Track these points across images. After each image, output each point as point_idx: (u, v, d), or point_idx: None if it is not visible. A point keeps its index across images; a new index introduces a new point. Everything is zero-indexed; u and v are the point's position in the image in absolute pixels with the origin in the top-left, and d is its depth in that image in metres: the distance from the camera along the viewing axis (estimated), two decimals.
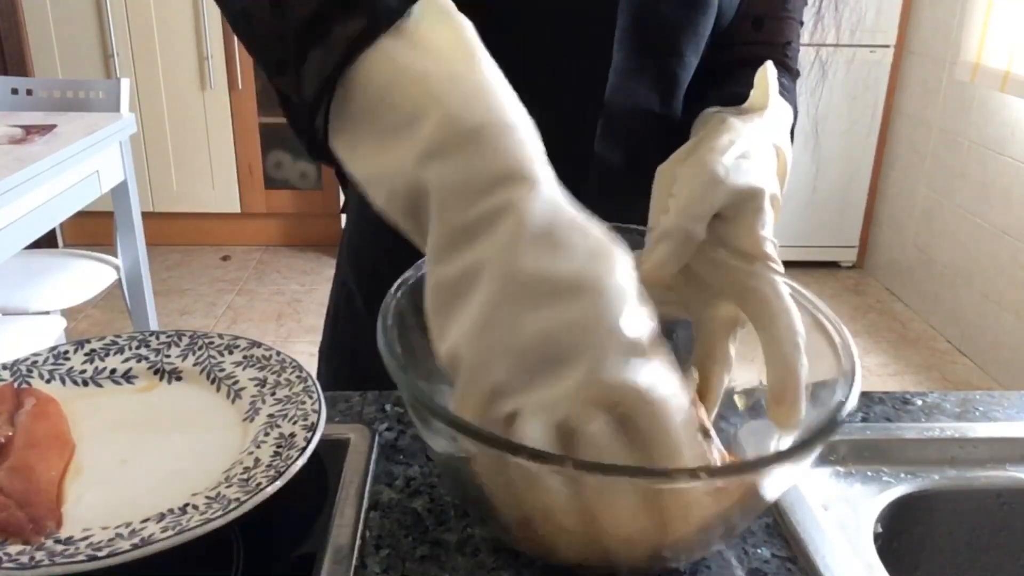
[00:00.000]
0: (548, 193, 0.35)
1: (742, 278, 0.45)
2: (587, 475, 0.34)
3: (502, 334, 0.34)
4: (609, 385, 0.34)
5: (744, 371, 0.48)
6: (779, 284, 0.44)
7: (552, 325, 0.34)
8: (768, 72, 0.53)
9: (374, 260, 0.70)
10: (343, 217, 0.77)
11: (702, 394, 0.47)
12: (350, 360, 0.74)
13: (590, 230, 0.36)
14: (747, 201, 0.46)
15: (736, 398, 0.49)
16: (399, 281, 0.46)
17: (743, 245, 0.45)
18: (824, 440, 0.37)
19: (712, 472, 0.35)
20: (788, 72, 0.65)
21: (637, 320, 0.35)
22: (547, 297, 0.34)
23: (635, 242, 0.47)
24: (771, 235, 0.46)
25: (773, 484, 0.39)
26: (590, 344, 0.34)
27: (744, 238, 0.45)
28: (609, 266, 0.35)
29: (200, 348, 0.55)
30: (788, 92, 0.62)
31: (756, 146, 0.49)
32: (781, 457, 0.36)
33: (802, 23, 0.67)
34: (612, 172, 0.63)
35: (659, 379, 0.35)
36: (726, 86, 0.61)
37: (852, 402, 0.39)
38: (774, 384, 0.41)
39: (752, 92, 0.54)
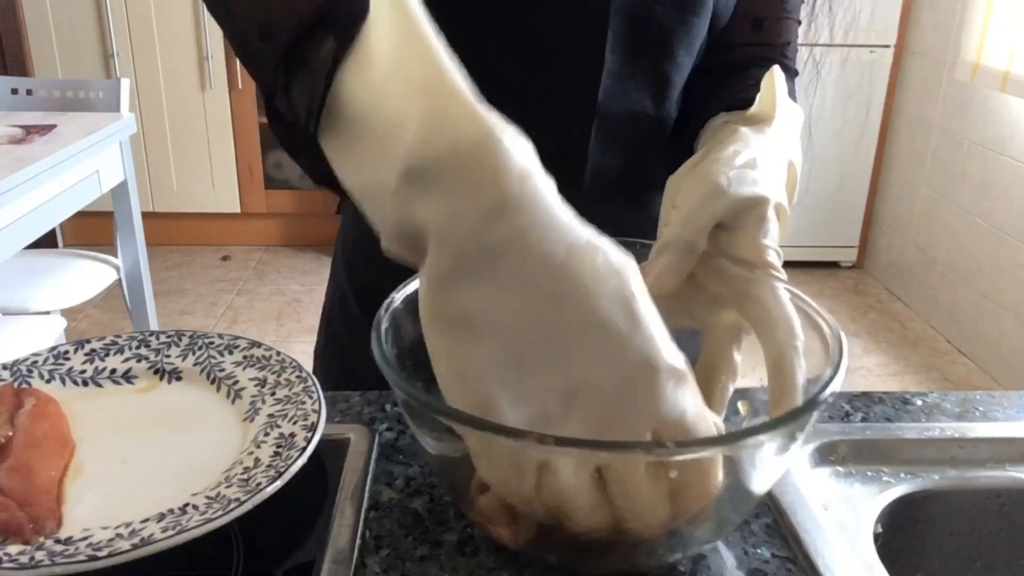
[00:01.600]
0: (549, 215, 0.34)
1: (743, 285, 0.45)
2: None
3: (537, 375, 0.33)
4: (667, 420, 0.34)
5: (745, 381, 0.48)
6: (779, 289, 0.44)
7: (585, 366, 0.33)
8: (776, 79, 0.53)
9: (368, 261, 0.70)
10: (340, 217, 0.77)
11: (707, 402, 0.47)
12: (344, 361, 0.74)
13: (598, 251, 0.35)
14: (750, 211, 0.46)
15: (739, 403, 0.49)
16: (396, 292, 0.46)
17: (745, 254, 0.45)
18: (803, 417, 0.37)
19: (681, 444, 0.36)
20: (788, 72, 0.65)
21: (670, 343, 0.35)
22: (575, 334, 0.33)
23: (639, 255, 0.47)
24: (775, 244, 0.46)
25: (759, 468, 0.39)
26: (638, 379, 0.34)
27: (746, 247, 0.45)
28: (631, 288, 0.34)
29: (200, 348, 0.55)
30: (790, 94, 0.62)
31: (764, 156, 0.49)
32: (758, 430, 0.36)
33: (800, 22, 0.66)
34: (607, 175, 0.63)
35: (701, 410, 0.36)
36: (728, 91, 0.60)
37: (837, 384, 0.39)
38: (774, 388, 0.42)
39: (758, 98, 0.54)
